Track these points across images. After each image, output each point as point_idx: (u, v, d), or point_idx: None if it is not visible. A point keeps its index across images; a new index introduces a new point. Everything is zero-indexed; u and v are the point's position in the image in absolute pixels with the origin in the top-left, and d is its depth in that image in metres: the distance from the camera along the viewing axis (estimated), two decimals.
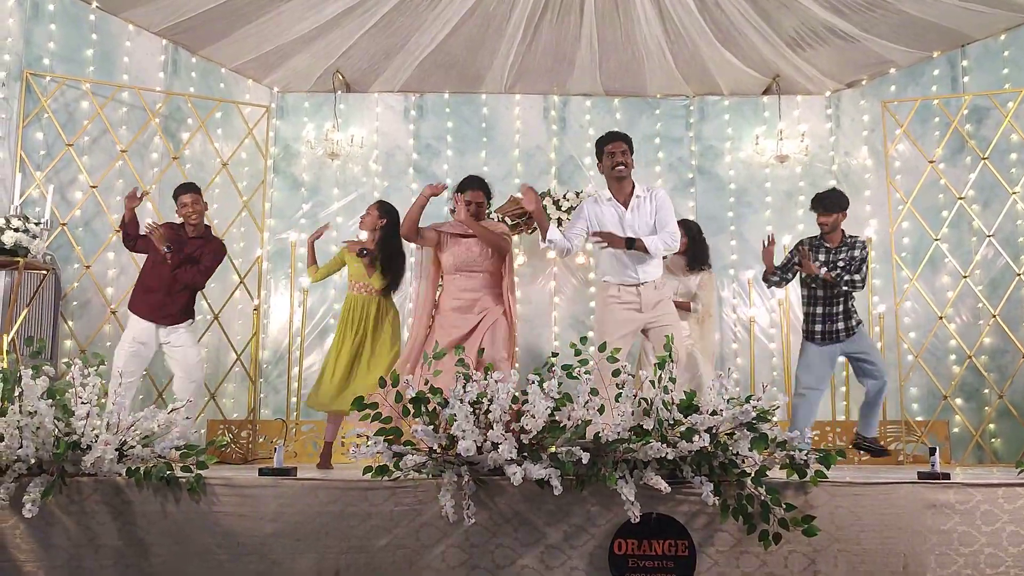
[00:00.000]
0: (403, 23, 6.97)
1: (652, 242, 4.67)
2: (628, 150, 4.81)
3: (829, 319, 5.43)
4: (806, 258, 5.37)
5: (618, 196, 4.85)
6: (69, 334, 6.07)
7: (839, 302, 5.41)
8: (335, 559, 3.49)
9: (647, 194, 4.84)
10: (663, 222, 4.77)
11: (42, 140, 6.11)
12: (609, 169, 4.82)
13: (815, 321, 5.46)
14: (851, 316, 5.43)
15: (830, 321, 5.42)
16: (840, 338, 5.41)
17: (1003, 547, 3.43)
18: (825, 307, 5.44)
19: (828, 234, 5.48)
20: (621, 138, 4.84)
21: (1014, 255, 6.45)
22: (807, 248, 5.48)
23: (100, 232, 6.34)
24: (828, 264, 5.43)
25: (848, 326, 5.41)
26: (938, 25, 6.66)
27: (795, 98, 7.80)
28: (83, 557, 3.53)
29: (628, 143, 4.83)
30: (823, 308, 5.45)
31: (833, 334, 5.42)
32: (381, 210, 5.58)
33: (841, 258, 5.43)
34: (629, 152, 4.81)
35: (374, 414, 3.49)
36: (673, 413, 3.51)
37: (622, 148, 4.79)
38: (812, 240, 5.57)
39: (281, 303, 7.41)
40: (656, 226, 4.78)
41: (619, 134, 4.88)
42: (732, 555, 3.45)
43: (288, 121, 7.83)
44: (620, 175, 4.79)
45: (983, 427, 6.46)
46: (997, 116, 6.61)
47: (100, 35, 6.46)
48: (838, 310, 5.41)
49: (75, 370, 3.67)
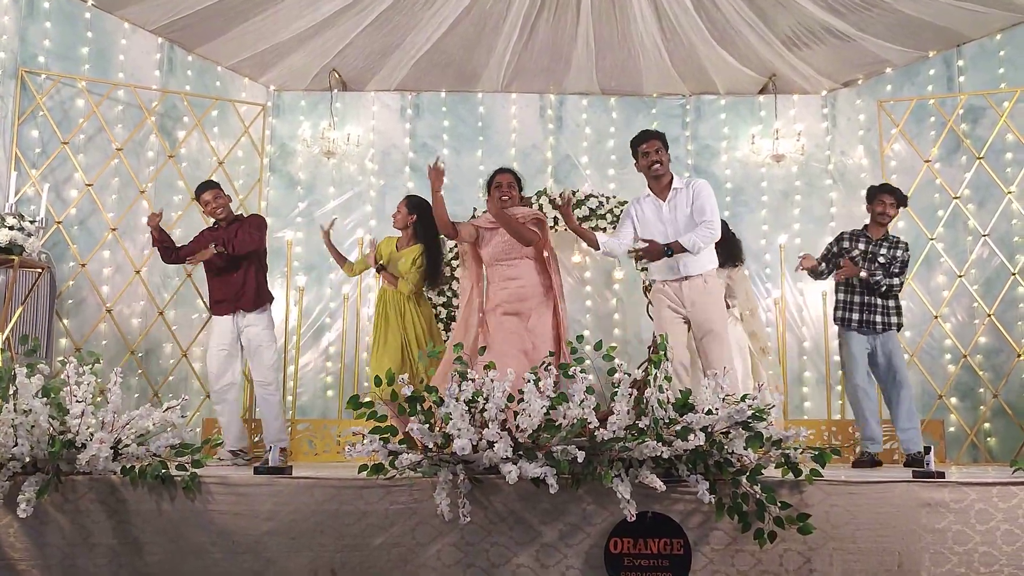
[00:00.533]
0: (399, 22, 6.97)
1: (689, 240, 4.64)
2: (663, 148, 4.86)
3: (867, 309, 5.40)
4: (848, 263, 5.36)
5: (657, 192, 4.88)
6: (64, 332, 6.06)
7: (877, 294, 5.39)
8: (330, 557, 3.49)
9: (684, 185, 4.85)
10: (700, 212, 4.72)
11: (37, 138, 6.10)
12: (646, 168, 4.87)
13: (851, 309, 5.42)
14: (891, 313, 5.41)
15: (868, 311, 5.39)
16: (877, 330, 5.39)
17: (997, 546, 3.44)
18: (863, 296, 5.41)
19: (878, 226, 5.48)
20: (655, 136, 4.89)
21: (1009, 255, 6.46)
22: (848, 240, 5.50)
23: (95, 230, 6.33)
24: (867, 254, 5.41)
25: (886, 321, 5.39)
26: (934, 24, 6.67)
27: (791, 97, 7.80)
28: (77, 556, 3.52)
29: (662, 140, 4.88)
30: (860, 297, 5.42)
31: (871, 324, 5.39)
32: (409, 205, 5.59)
33: (882, 253, 5.42)
34: (664, 149, 4.86)
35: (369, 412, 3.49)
36: (668, 412, 3.51)
37: (656, 146, 4.84)
38: (854, 231, 5.57)
39: (277, 302, 7.38)
40: (695, 218, 4.74)
41: (653, 132, 4.93)
42: (727, 553, 3.45)
43: (284, 119, 7.82)
44: (656, 173, 4.85)
45: (978, 426, 6.47)
46: (993, 116, 6.62)
47: (96, 33, 6.45)
48: (877, 301, 5.39)
49: (70, 368, 3.66)
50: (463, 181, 7.70)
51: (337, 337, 7.34)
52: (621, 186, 7.66)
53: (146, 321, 6.55)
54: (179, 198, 6.91)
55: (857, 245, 5.47)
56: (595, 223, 7.14)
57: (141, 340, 6.47)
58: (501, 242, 4.98)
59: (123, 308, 6.42)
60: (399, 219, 5.59)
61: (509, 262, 4.97)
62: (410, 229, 5.56)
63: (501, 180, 5.04)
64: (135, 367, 6.39)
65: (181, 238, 6.77)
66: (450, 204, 7.51)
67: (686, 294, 4.73)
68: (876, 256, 5.42)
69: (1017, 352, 6.28)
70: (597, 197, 7.23)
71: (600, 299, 7.63)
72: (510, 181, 5.05)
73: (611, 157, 7.80)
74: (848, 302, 5.44)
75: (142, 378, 6.42)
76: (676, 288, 4.75)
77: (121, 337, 6.33)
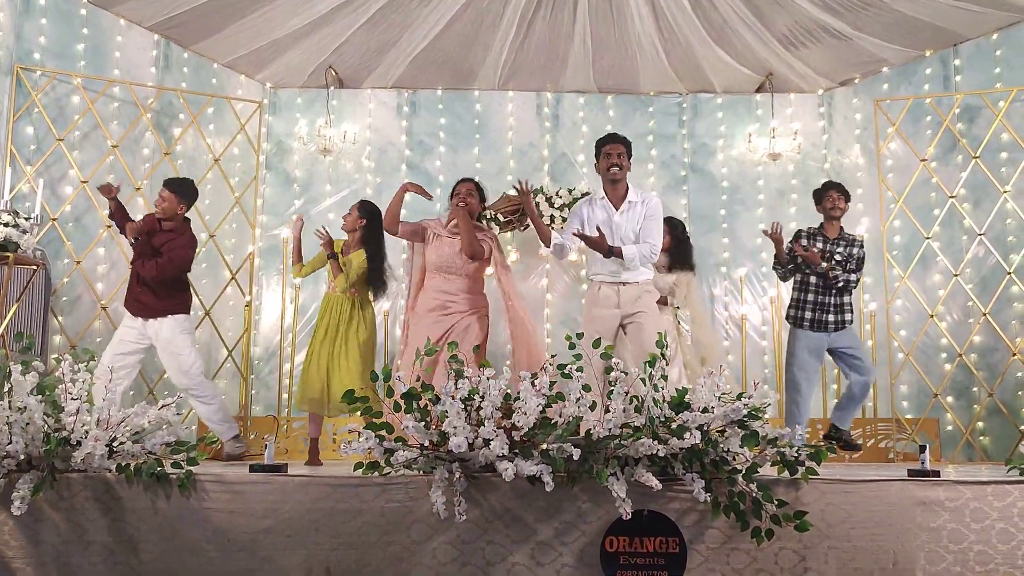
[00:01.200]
0: (396, 19, 6.96)
1: (630, 251, 4.71)
2: (625, 153, 4.85)
3: (820, 308, 5.44)
4: (809, 249, 5.37)
5: (611, 198, 4.88)
6: (59, 329, 6.05)
7: (832, 293, 5.42)
8: (325, 555, 3.49)
9: (640, 200, 4.86)
10: (648, 232, 4.80)
11: (32, 135, 6.08)
12: (604, 170, 4.86)
13: (804, 308, 5.47)
14: (844, 311, 5.44)
15: (821, 310, 5.44)
16: (828, 330, 5.42)
17: (992, 544, 3.45)
18: (817, 295, 5.45)
19: (832, 221, 5.52)
20: (619, 140, 4.88)
21: (1004, 254, 6.48)
22: (805, 238, 5.52)
23: (90, 227, 6.32)
24: (824, 253, 5.44)
25: (839, 319, 5.42)
26: (930, 24, 6.68)
27: (788, 96, 7.81)
28: (72, 553, 3.52)
29: (627, 146, 4.88)
30: (815, 296, 5.46)
31: (822, 324, 5.43)
32: (361, 211, 5.57)
33: (839, 251, 5.45)
34: (626, 155, 4.85)
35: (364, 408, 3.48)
36: (664, 410, 3.52)
37: (619, 150, 4.83)
38: (810, 229, 5.61)
39: (273, 299, 7.38)
40: (640, 235, 4.81)
41: (618, 136, 4.92)
42: (723, 552, 3.45)
43: (280, 117, 7.81)
44: (614, 177, 4.83)
45: (973, 425, 6.49)
46: (988, 115, 6.63)
47: (91, 29, 6.44)
48: (830, 301, 5.42)
49: (65, 366, 3.65)
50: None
51: None
52: None
53: None
54: None
55: (815, 243, 5.50)
56: None
57: None
58: (448, 251, 5.10)
59: (118, 305, 6.36)
60: (349, 222, 5.55)
61: (447, 275, 5.09)
62: (358, 233, 5.53)
63: (461, 188, 5.23)
64: None
65: None
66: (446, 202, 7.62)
67: (623, 297, 4.79)
68: (834, 254, 5.47)
69: (1012, 351, 6.29)
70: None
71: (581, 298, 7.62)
72: (470, 189, 5.25)
73: None
74: (802, 301, 5.49)
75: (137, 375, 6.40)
76: (614, 290, 4.81)
77: None
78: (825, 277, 5.39)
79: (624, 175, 4.86)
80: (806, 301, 5.48)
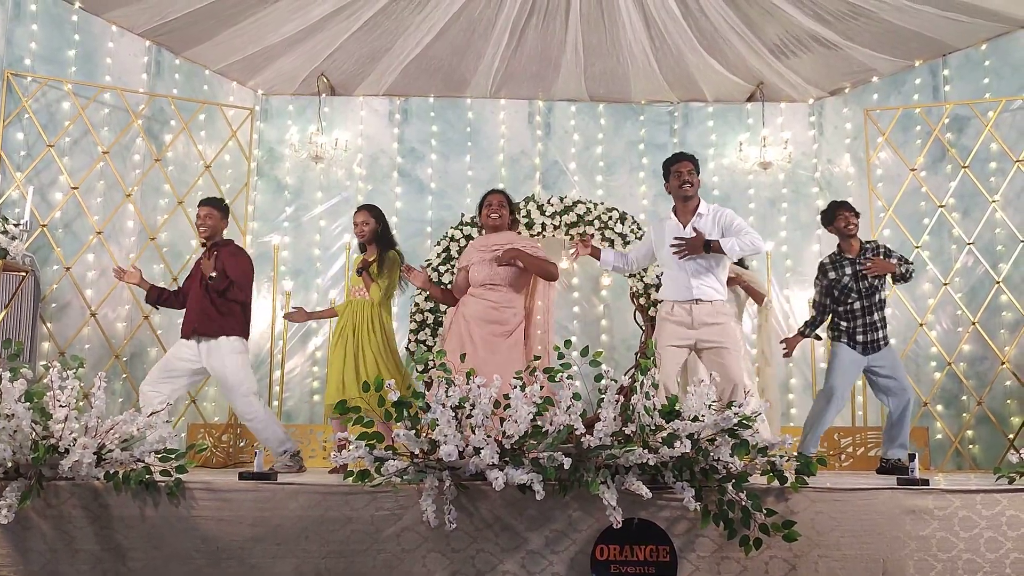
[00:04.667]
0: (388, 27, 6.97)
1: (728, 243, 4.62)
2: (694, 170, 4.84)
3: (871, 328, 5.30)
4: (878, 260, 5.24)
5: (681, 214, 4.85)
6: (48, 336, 6.01)
7: (877, 309, 5.33)
8: (315, 564, 3.48)
9: (710, 212, 4.80)
10: (739, 230, 4.68)
11: (22, 140, 6.06)
12: (676, 188, 4.83)
13: (858, 332, 5.30)
14: (887, 325, 5.37)
15: (872, 330, 5.30)
16: (880, 347, 5.31)
17: (981, 553, 3.46)
18: (866, 317, 5.31)
19: (849, 240, 5.37)
20: (688, 158, 4.88)
21: (993, 263, 6.51)
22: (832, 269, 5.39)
23: (80, 234, 6.29)
24: (857, 274, 5.31)
25: (884, 335, 5.34)
26: (920, 34, 6.72)
27: (779, 105, 7.84)
28: (60, 562, 3.50)
29: (695, 163, 4.87)
30: (863, 319, 5.31)
31: (875, 344, 5.30)
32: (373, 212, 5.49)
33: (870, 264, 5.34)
34: (695, 172, 4.84)
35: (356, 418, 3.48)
36: (655, 419, 3.52)
37: (688, 168, 4.81)
38: (832, 257, 5.45)
39: (263, 306, 7.35)
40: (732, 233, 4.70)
41: (686, 155, 4.92)
42: (713, 560, 3.45)
43: (272, 124, 7.80)
44: (686, 194, 4.80)
45: (962, 433, 6.51)
46: (977, 125, 6.67)
47: (83, 36, 6.42)
48: (876, 318, 5.32)
49: (53, 373, 3.64)
50: (451, 187, 7.72)
51: (324, 342, 7.33)
52: (608, 192, 7.69)
53: (131, 325, 6.51)
54: (165, 202, 6.88)
55: (844, 270, 5.35)
56: (583, 229, 7.14)
57: (126, 344, 6.43)
58: (489, 272, 5.00)
59: (108, 312, 6.38)
60: (368, 231, 5.44)
61: (493, 287, 5.00)
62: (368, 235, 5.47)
63: (492, 200, 5.16)
64: (119, 371, 6.34)
65: (166, 242, 6.78)
66: (438, 210, 7.67)
67: (696, 316, 4.65)
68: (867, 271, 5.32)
69: (1001, 360, 6.32)
70: (585, 203, 7.24)
71: (588, 305, 7.64)
72: (501, 201, 5.17)
73: (599, 163, 7.82)
74: (853, 328, 5.31)
75: (127, 383, 6.38)
76: (686, 309, 4.67)
77: (106, 341, 6.29)
78: (904, 279, 5.30)
79: (696, 191, 4.82)
80: (857, 327, 5.31)
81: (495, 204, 5.15)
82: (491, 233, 5.14)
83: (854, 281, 5.32)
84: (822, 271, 5.46)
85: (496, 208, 5.13)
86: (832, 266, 5.40)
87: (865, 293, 5.30)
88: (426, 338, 6.87)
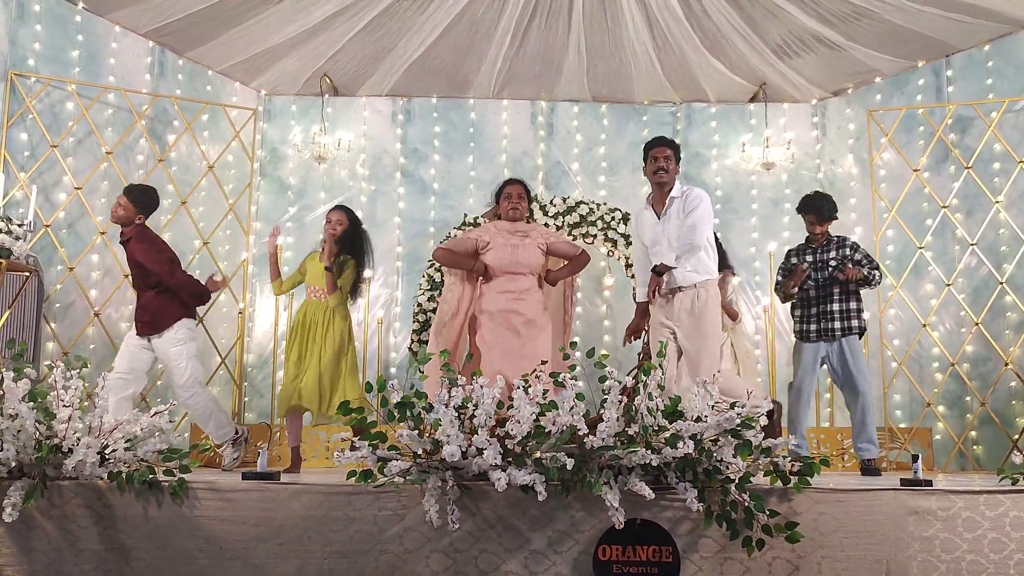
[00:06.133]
0: (391, 27, 6.97)
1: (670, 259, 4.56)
2: (672, 156, 4.77)
3: (826, 317, 5.44)
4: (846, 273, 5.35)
5: (656, 202, 4.83)
6: (51, 336, 6.02)
7: (834, 300, 5.43)
8: (318, 564, 3.48)
9: (681, 196, 4.74)
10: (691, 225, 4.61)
11: (26, 141, 6.07)
12: (651, 174, 4.81)
13: (809, 320, 5.50)
14: (851, 317, 5.42)
15: (827, 319, 5.44)
16: (834, 337, 5.40)
17: (984, 554, 3.45)
18: (819, 306, 5.47)
19: (813, 234, 5.61)
20: (667, 143, 4.82)
21: (996, 264, 6.50)
22: (796, 257, 5.62)
23: (84, 234, 6.30)
24: (817, 264, 5.51)
25: (845, 326, 5.41)
26: (923, 35, 6.72)
27: (781, 106, 7.84)
28: (64, 561, 3.50)
29: (674, 149, 4.82)
30: (816, 307, 5.48)
31: (829, 332, 5.42)
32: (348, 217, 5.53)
33: (832, 257, 5.47)
34: (673, 159, 4.78)
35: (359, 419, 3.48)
36: (658, 419, 3.52)
37: (666, 153, 4.75)
38: (798, 245, 5.70)
39: (266, 306, 7.37)
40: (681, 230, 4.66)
41: (666, 139, 4.86)
42: (716, 561, 3.45)
43: (275, 124, 7.81)
44: (660, 180, 4.76)
45: (965, 434, 6.50)
46: (981, 126, 6.67)
47: (86, 36, 6.43)
48: (833, 308, 5.43)
49: (57, 373, 3.64)
50: (454, 188, 7.72)
51: None
52: (611, 193, 7.68)
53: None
54: (168, 202, 6.87)
55: (805, 258, 5.58)
56: (585, 230, 7.15)
57: None
58: (511, 260, 5.01)
59: (111, 312, 6.39)
60: (340, 231, 5.47)
61: (513, 275, 4.99)
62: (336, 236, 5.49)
63: (511, 191, 5.18)
64: None
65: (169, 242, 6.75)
66: (441, 210, 7.67)
67: (675, 308, 4.63)
68: (827, 262, 5.49)
69: (1004, 360, 6.31)
70: (588, 204, 7.24)
71: (590, 305, 7.64)
72: (520, 192, 5.19)
73: (602, 164, 7.82)
74: (806, 315, 5.53)
75: None
76: (668, 298, 4.66)
77: (109, 341, 6.29)
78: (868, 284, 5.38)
79: (671, 179, 4.75)
80: (809, 315, 5.51)
81: (515, 196, 5.17)
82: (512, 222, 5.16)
83: (815, 269, 5.53)
84: (787, 256, 5.75)
85: (516, 201, 5.16)
86: (796, 253, 5.69)
87: (821, 283, 5.47)
88: (428, 338, 6.87)
